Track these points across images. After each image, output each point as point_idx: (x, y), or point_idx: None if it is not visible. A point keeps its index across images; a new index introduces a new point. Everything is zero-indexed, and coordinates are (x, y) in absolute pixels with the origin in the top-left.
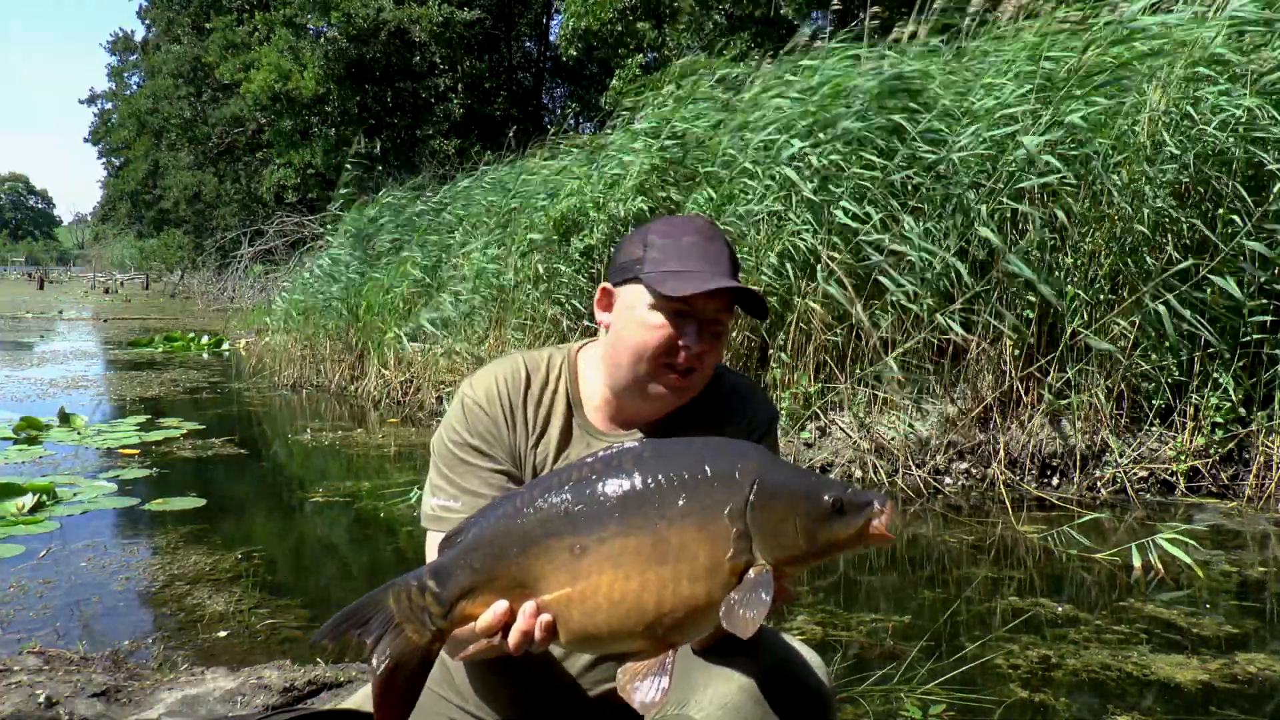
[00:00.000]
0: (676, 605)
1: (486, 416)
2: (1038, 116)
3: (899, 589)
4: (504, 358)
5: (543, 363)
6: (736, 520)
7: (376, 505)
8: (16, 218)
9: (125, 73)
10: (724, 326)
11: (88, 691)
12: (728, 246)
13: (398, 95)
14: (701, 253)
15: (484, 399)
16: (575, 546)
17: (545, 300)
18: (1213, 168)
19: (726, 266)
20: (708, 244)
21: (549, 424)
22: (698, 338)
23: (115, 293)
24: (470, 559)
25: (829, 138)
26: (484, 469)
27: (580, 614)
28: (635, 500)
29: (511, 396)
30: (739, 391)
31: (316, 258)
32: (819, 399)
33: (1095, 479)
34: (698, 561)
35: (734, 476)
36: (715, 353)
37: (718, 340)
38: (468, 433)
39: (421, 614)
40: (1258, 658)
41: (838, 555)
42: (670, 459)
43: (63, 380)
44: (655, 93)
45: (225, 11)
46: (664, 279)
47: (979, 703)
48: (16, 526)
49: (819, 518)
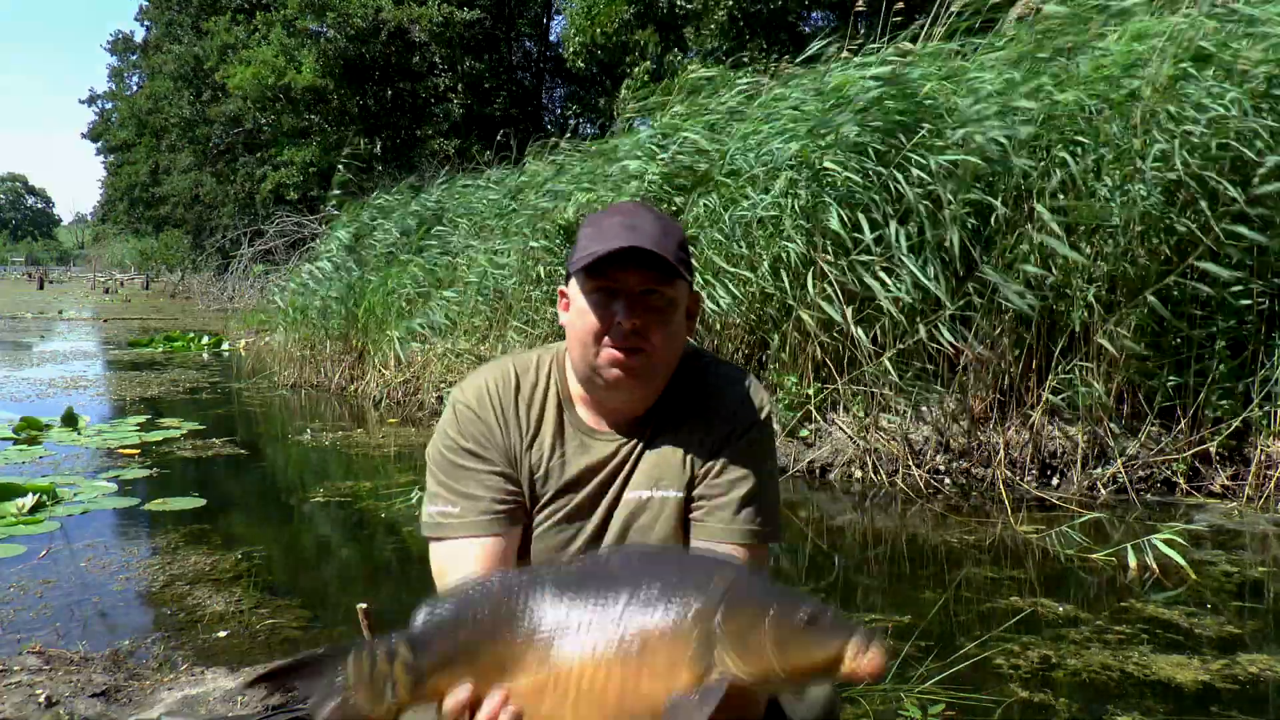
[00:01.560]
0: (637, 702)
1: (479, 420)
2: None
3: (899, 589)
4: (493, 362)
5: (532, 363)
6: (701, 621)
7: (376, 505)
8: (15, 218)
9: (125, 73)
10: (662, 297)
11: (88, 691)
12: (657, 220)
13: (397, 95)
14: (620, 229)
15: (475, 403)
16: (556, 635)
17: (546, 300)
18: (1202, 164)
19: (648, 235)
20: (629, 219)
21: (542, 423)
22: (628, 312)
23: (115, 293)
24: (455, 632)
25: (825, 145)
26: (480, 472)
27: (551, 702)
28: (615, 596)
29: (502, 399)
30: (728, 383)
31: (314, 258)
32: (818, 399)
33: (1095, 479)
34: (658, 659)
35: (709, 581)
36: (661, 329)
37: (658, 313)
38: (461, 437)
39: (384, 682)
40: (1259, 658)
41: (815, 682)
42: (655, 561)
43: (62, 380)
44: (662, 101)
45: (224, 12)
46: (577, 253)
47: (979, 703)
48: (16, 526)
49: (790, 630)
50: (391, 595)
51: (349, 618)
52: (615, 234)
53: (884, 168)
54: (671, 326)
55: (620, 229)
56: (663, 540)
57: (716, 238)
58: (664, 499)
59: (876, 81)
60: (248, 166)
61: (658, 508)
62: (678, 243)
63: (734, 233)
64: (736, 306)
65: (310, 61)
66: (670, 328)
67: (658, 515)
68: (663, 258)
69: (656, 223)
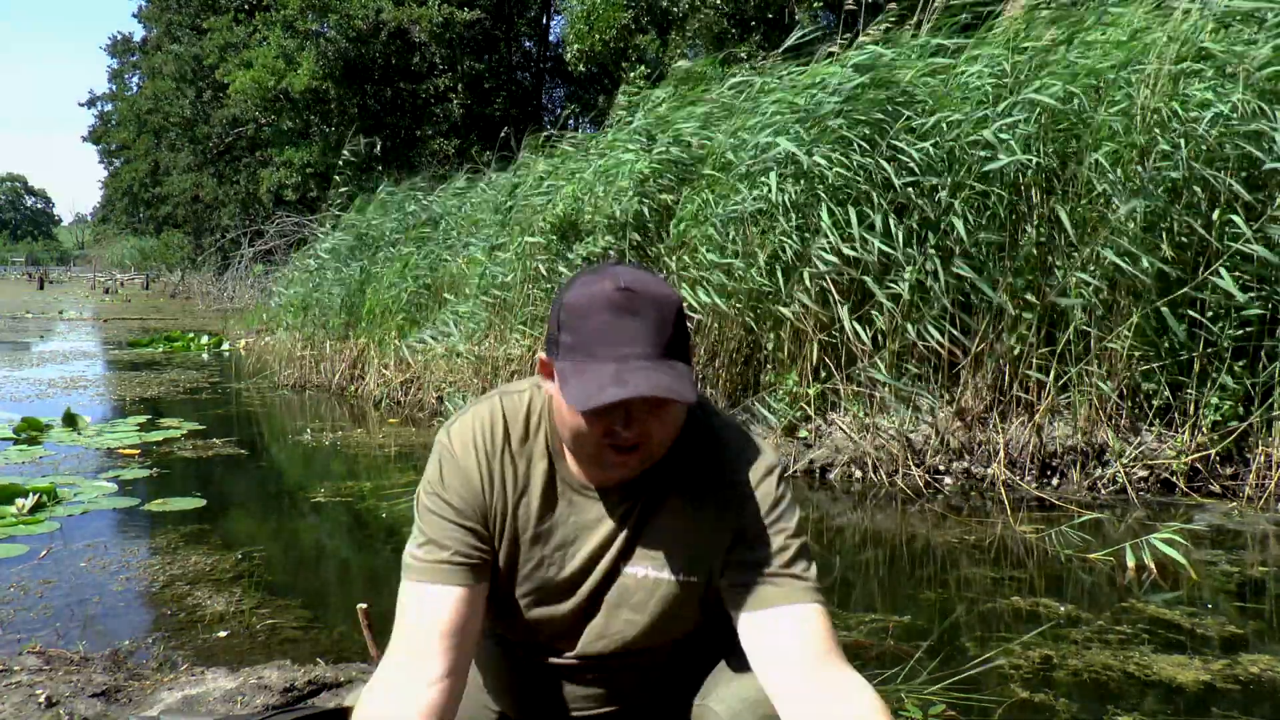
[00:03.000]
0: None
1: (460, 470)
2: (1001, 99)
3: (899, 589)
4: (482, 403)
5: (521, 409)
6: None
7: (377, 505)
8: (15, 218)
9: (125, 74)
10: (663, 403)
11: (88, 691)
12: (653, 311)
13: (397, 95)
14: (611, 335)
15: (459, 452)
16: None
17: (546, 300)
18: (1206, 165)
19: (646, 345)
20: (618, 321)
21: (530, 479)
22: (627, 425)
23: (115, 293)
24: None
25: (812, 137)
26: (449, 522)
27: None
28: None
29: (489, 450)
30: (730, 435)
31: (310, 255)
32: (817, 399)
33: (1095, 479)
34: None
35: None
36: (663, 426)
37: (657, 415)
38: (440, 486)
39: None
40: (1261, 658)
41: None
42: None
43: (62, 380)
44: (649, 94)
45: (223, 12)
46: (570, 381)
47: (979, 703)
48: (16, 526)
49: None
50: (391, 595)
51: (349, 618)
52: (606, 343)
53: (871, 159)
54: (673, 417)
55: (610, 338)
56: (655, 617)
57: (709, 234)
58: (661, 579)
59: (856, 70)
60: (248, 167)
61: (652, 587)
62: (677, 332)
63: (726, 233)
64: (731, 305)
65: (309, 63)
66: (672, 418)
67: (652, 593)
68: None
69: (645, 321)
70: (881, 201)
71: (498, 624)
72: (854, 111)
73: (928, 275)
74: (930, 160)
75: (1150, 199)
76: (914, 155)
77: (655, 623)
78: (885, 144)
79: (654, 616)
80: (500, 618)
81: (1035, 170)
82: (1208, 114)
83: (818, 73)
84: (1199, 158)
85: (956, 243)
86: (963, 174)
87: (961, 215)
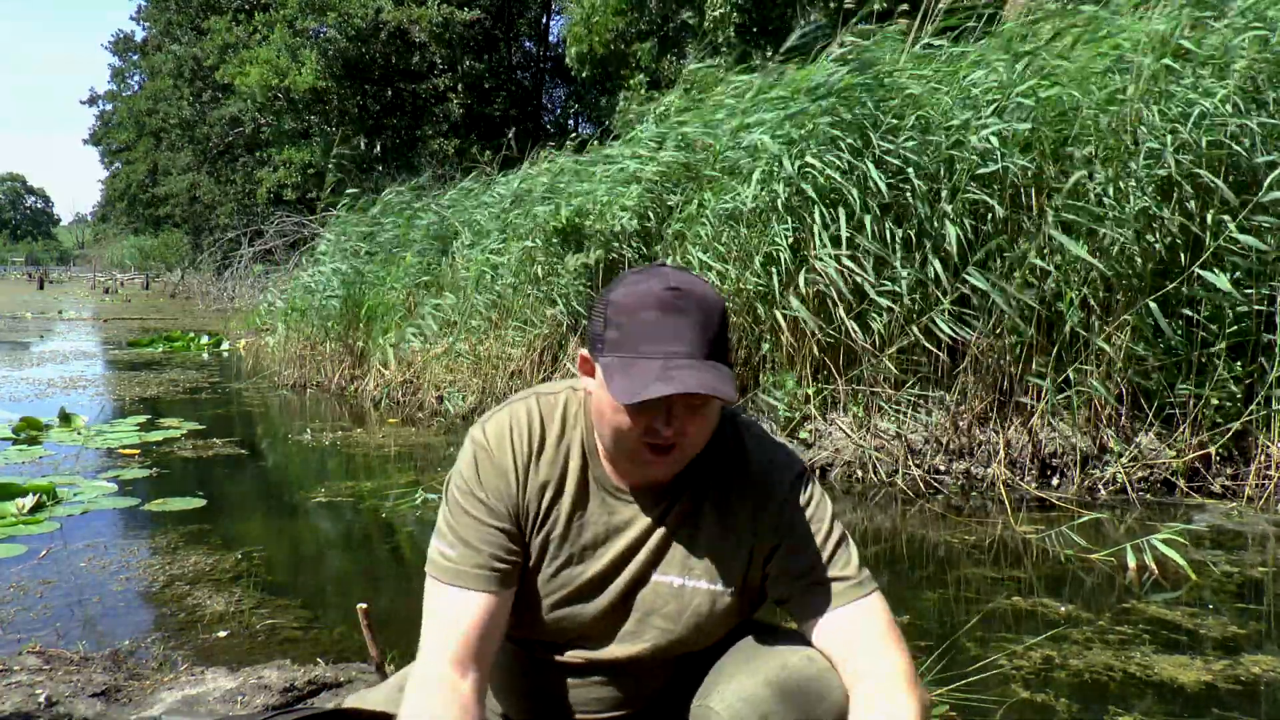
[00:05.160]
0: None
1: (495, 468)
2: (993, 101)
3: (899, 589)
4: (517, 401)
5: (557, 408)
6: None
7: (377, 505)
8: (15, 218)
9: (126, 73)
10: (703, 399)
11: (88, 691)
12: (699, 312)
13: (397, 95)
14: (657, 333)
15: (495, 448)
16: None
17: (545, 301)
18: (1195, 162)
19: (691, 344)
20: (664, 319)
21: (564, 479)
22: (668, 422)
23: (115, 293)
24: None
25: (803, 137)
26: (484, 524)
27: None
28: None
29: (524, 448)
30: (759, 442)
31: (312, 259)
32: (817, 399)
33: (1095, 479)
34: None
35: None
36: (700, 424)
37: (696, 415)
38: (475, 484)
39: None
40: (1262, 659)
41: None
42: None
43: (62, 380)
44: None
45: (223, 12)
46: (615, 377)
47: (980, 703)
48: (16, 526)
49: None
50: (391, 595)
51: (349, 618)
52: (653, 340)
53: (859, 159)
54: (710, 418)
55: (656, 335)
56: (689, 627)
57: (701, 233)
58: (695, 589)
59: (841, 65)
60: (247, 167)
61: (686, 596)
62: (720, 333)
63: (720, 233)
64: (729, 304)
65: (312, 62)
66: (709, 420)
67: (686, 604)
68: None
69: (692, 318)
70: (873, 205)
71: (522, 623)
72: (842, 110)
73: (927, 278)
74: (920, 163)
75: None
76: (905, 156)
77: (689, 632)
78: (873, 147)
79: (688, 626)
80: (526, 616)
81: (1027, 176)
82: (1194, 110)
83: (811, 73)
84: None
85: (955, 244)
86: (957, 178)
87: (956, 221)
